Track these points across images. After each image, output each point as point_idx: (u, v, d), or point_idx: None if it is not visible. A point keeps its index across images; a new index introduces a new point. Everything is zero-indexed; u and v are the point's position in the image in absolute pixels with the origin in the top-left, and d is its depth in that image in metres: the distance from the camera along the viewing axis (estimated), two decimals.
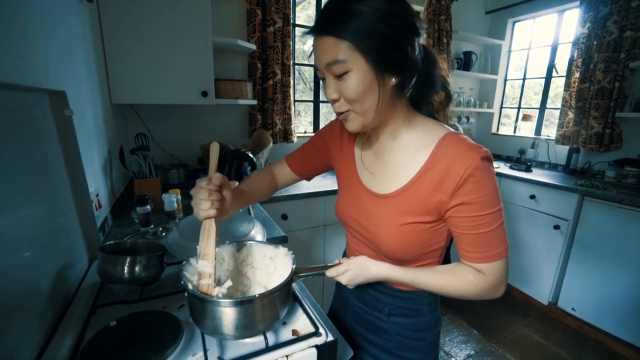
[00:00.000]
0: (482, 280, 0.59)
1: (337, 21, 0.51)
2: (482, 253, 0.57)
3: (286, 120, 2.18)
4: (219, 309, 0.53)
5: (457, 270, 0.61)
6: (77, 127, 0.81)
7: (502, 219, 0.57)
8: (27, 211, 0.61)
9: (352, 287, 0.67)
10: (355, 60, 0.52)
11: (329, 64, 0.53)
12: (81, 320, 0.64)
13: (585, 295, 2.04)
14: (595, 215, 1.95)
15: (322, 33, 0.53)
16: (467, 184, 0.54)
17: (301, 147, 0.85)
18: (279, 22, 2.00)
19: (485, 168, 0.54)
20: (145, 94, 1.47)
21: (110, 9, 1.32)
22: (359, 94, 0.54)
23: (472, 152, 0.54)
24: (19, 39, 0.60)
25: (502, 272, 0.59)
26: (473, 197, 0.55)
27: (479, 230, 0.56)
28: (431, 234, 0.63)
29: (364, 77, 0.53)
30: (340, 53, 0.52)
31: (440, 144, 0.58)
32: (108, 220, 1.15)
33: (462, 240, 0.59)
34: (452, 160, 0.55)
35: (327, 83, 0.57)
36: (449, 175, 0.55)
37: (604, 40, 2.18)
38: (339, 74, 0.54)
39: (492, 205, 0.55)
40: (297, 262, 0.66)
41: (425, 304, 0.70)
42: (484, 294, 0.60)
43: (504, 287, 0.61)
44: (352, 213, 0.71)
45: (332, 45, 0.52)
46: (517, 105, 3.09)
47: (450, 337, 2.04)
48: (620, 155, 2.23)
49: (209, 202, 0.56)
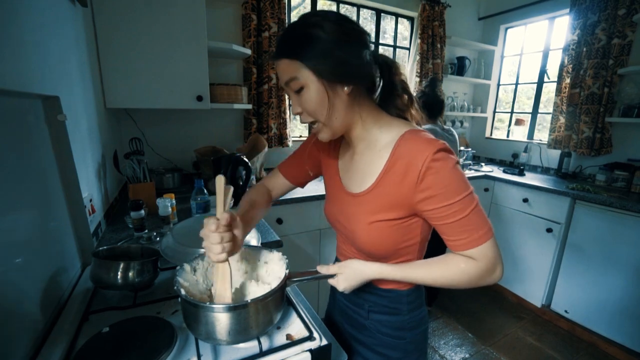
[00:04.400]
0: (473, 266, 0.58)
1: (288, 45, 0.59)
2: (466, 239, 0.57)
3: (281, 125, 2.19)
4: (213, 315, 0.53)
5: (447, 260, 0.61)
6: (71, 131, 0.81)
7: (474, 202, 0.58)
8: (19, 216, 0.60)
9: (349, 292, 0.67)
10: (306, 76, 0.58)
11: (287, 82, 0.60)
12: (73, 326, 0.63)
13: (578, 298, 2.07)
14: (587, 219, 1.98)
15: (278, 57, 0.60)
16: (427, 177, 0.56)
17: (292, 155, 0.87)
18: (274, 27, 2.01)
19: (441, 158, 0.56)
20: (139, 98, 1.47)
21: (105, 13, 1.32)
22: (315, 105, 0.60)
23: (427, 146, 0.57)
24: (12, 44, 0.60)
25: (491, 254, 0.58)
26: (436, 188, 0.56)
27: (454, 218, 0.57)
28: (403, 230, 0.64)
29: (316, 89, 0.59)
30: (293, 71, 0.59)
31: (400, 142, 0.62)
32: (102, 225, 1.14)
33: (442, 230, 0.60)
34: (410, 156, 0.58)
35: (292, 98, 0.63)
36: (408, 170, 0.58)
37: (593, 46, 2.23)
38: (296, 90, 0.60)
39: (458, 192, 0.56)
40: (292, 266, 0.66)
41: (403, 302, 0.72)
42: (480, 279, 0.59)
43: (500, 269, 0.59)
44: (334, 213, 0.75)
45: (286, 66, 0.59)
46: (510, 109, 3.14)
47: (445, 340, 2.04)
48: (610, 159, 2.27)
49: (221, 246, 0.56)
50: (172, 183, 1.78)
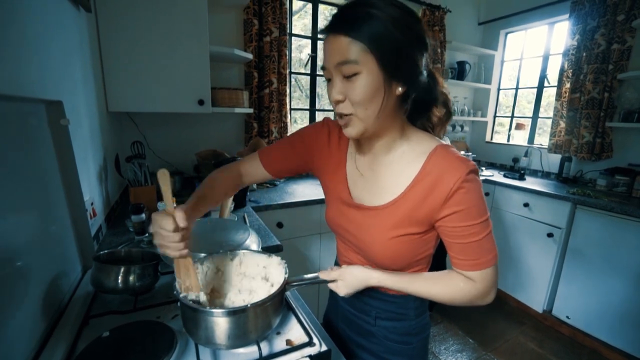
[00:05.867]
0: (471, 287, 0.61)
1: (353, 22, 0.51)
2: (473, 261, 0.59)
3: (282, 128, 2.20)
4: (212, 319, 0.53)
5: (448, 278, 0.63)
6: (73, 135, 0.81)
7: (489, 228, 0.59)
8: (20, 219, 0.61)
9: (349, 296, 0.68)
10: (367, 62, 0.52)
11: (340, 63, 0.53)
12: (73, 331, 0.63)
13: (579, 303, 2.06)
14: (588, 224, 1.98)
15: (337, 32, 0.53)
16: (457, 195, 0.56)
17: (276, 144, 0.79)
18: (276, 32, 2.03)
19: (472, 179, 0.57)
20: (142, 102, 1.47)
21: (109, 18, 1.33)
22: (365, 97, 0.54)
23: (461, 165, 0.57)
24: (17, 50, 0.61)
25: (491, 279, 0.60)
26: (462, 207, 0.57)
27: (469, 240, 0.58)
28: (421, 243, 0.64)
29: (372, 80, 0.53)
30: (353, 54, 0.52)
31: (431, 157, 0.60)
32: (102, 228, 1.14)
33: (453, 248, 0.61)
34: (442, 173, 0.57)
35: (334, 83, 0.56)
36: (438, 186, 0.57)
37: (592, 52, 2.24)
38: (348, 75, 0.54)
39: (480, 215, 0.57)
40: (292, 270, 0.66)
41: (411, 308, 0.72)
42: (474, 300, 0.62)
43: (494, 294, 0.62)
44: (342, 223, 0.72)
45: (346, 45, 0.52)
46: (511, 113, 3.14)
47: (445, 346, 2.03)
48: (611, 164, 2.27)
49: (183, 243, 0.54)
50: (173, 186, 1.79)
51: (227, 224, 0.96)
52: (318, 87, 2.53)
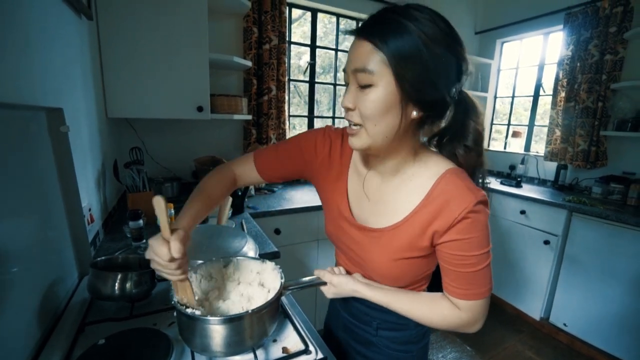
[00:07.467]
0: (455, 317, 0.60)
1: (381, 30, 0.48)
2: (465, 290, 0.58)
3: (281, 135, 2.21)
4: (208, 327, 0.53)
5: (433, 302, 0.62)
6: (72, 141, 0.82)
7: (488, 260, 0.57)
8: (18, 225, 0.61)
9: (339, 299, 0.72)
10: (384, 76, 0.49)
11: (357, 70, 0.50)
12: (69, 338, 0.63)
13: (576, 311, 2.06)
14: (584, 231, 1.99)
15: (363, 36, 0.50)
16: (461, 224, 0.54)
17: (272, 147, 0.76)
18: (275, 40, 2.05)
19: (480, 210, 0.54)
20: (141, 108, 1.48)
21: (110, 25, 1.35)
22: (375, 112, 0.51)
23: (468, 194, 0.54)
24: (19, 59, 0.62)
25: (478, 310, 0.59)
26: (465, 236, 0.55)
27: (466, 269, 0.57)
28: (423, 264, 0.64)
29: (387, 96, 0.49)
30: (371, 63, 0.48)
31: (439, 182, 0.57)
32: (100, 234, 1.14)
33: (447, 274, 0.60)
34: (449, 200, 0.55)
35: (349, 89, 0.53)
36: (443, 213, 0.55)
37: (586, 62, 2.28)
38: (362, 85, 0.51)
39: (481, 247, 0.56)
40: (289, 277, 0.67)
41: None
42: (457, 328, 0.61)
43: (480, 324, 0.61)
44: (344, 240, 0.71)
45: (367, 52, 0.49)
46: (507, 121, 3.17)
47: (443, 354, 2.02)
48: (606, 172, 2.29)
49: (177, 270, 0.53)
50: (171, 192, 1.79)
51: (224, 231, 0.97)
52: (317, 93, 2.55)
